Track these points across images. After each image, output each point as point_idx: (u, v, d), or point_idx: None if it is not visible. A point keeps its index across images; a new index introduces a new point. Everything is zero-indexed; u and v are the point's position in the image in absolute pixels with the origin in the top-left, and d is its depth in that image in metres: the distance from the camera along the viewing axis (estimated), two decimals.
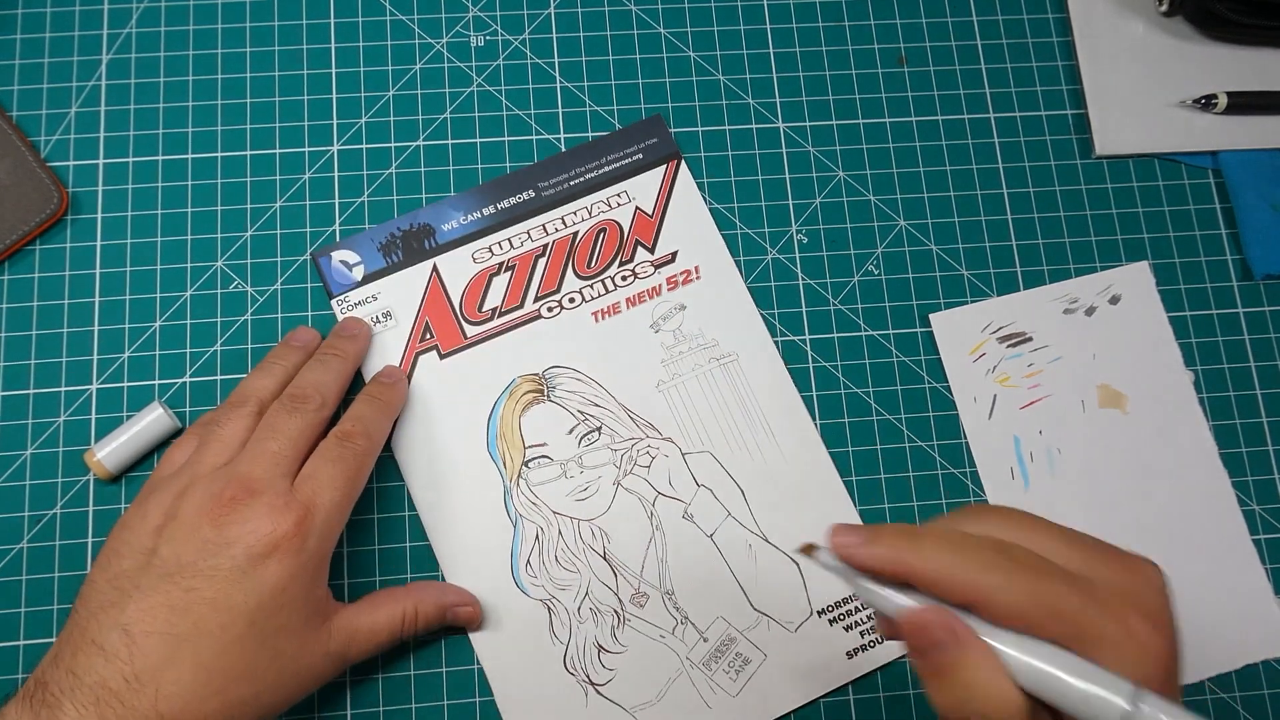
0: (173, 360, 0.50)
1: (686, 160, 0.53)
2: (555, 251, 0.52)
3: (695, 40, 0.55)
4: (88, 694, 0.37)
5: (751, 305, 0.52)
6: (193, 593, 0.39)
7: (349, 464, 0.43)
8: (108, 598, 0.40)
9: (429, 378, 0.50)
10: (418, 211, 0.52)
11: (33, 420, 0.49)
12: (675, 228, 0.52)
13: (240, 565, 0.40)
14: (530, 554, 0.48)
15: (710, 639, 0.48)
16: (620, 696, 0.47)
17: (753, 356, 0.51)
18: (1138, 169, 0.55)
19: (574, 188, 0.52)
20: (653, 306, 0.51)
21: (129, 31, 0.53)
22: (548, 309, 0.51)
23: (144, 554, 0.40)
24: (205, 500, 0.41)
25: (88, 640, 0.39)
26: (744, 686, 0.47)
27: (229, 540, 0.40)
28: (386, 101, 0.53)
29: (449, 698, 0.47)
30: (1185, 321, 0.53)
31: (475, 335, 0.50)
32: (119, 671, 0.38)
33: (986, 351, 0.52)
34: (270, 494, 0.41)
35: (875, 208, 0.54)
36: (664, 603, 0.48)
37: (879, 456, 0.50)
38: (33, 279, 0.50)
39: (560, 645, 0.47)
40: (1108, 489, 0.50)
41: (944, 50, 0.56)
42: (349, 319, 0.50)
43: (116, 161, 0.52)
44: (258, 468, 0.42)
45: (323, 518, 0.42)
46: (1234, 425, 0.52)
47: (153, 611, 0.39)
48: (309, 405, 0.44)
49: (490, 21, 0.55)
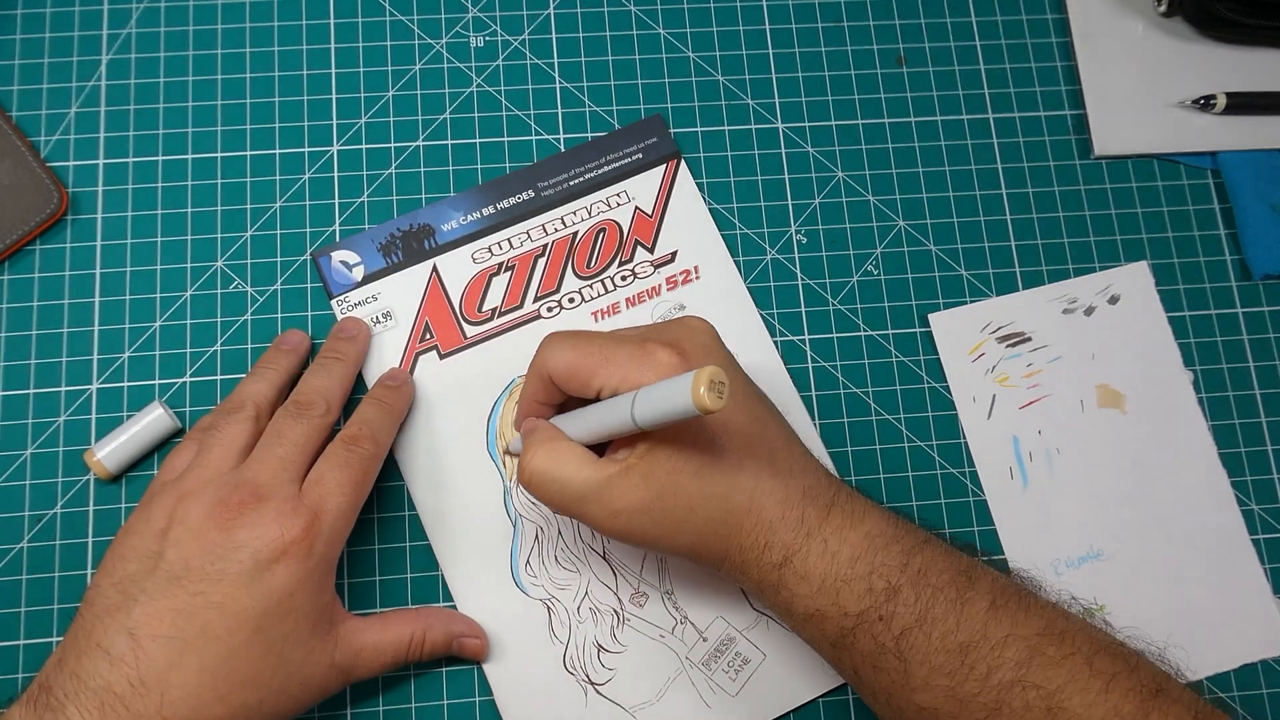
0: (173, 360, 0.50)
1: (686, 160, 0.53)
2: (555, 251, 0.52)
3: (695, 40, 0.55)
4: (92, 698, 0.37)
5: (751, 305, 0.52)
6: (199, 597, 0.39)
7: (355, 469, 0.43)
8: (113, 601, 0.39)
9: (429, 378, 0.50)
10: (417, 212, 0.52)
11: (33, 420, 0.49)
12: (675, 228, 0.52)
13: (247, 570, 0.39)
14: (530, 554, 0.48)
15: (710, 639, 0.48)
16: (620, 696, 0.47)
17: (752, 356, 0.51)
18: (1137, 169, 0.55)
19: (573, 188, 0.52)
20: (652, 306, 0.51)
21: (129, 31, 0.53)
22: (547, 309, 0.51)
23: (150, 558, 0.40)
24: (212, 505, 0.41)
25: (93, 644, 0.39)
26: (743, 686, 0.47)
27: (237, 544, 0.40)
28: (386, 102, 0.53)
29: (449, 697, 0.47)
30: (1184, 321, 0.53)
31: (475, 335, 0.51)
32: (124, 675, 0.38)
33: (985, 351, 0.52)
34: (278, 499, 0.41)
35: (874, 208, 0.54)
36: (663, 602, 0.48)
37: (878, 456, 0.51)
38: (33, 279, 0.50)
39: (560, 645, 0.47)
40: (1107, 489, 0.50)
41: (943, 51, 0.56)
42: (348, 319, 0.50)
43: (116, 161, 0.52)
44: (265, 473, 0.42)
45: (330, 523, 0.42)
46: (1233, 425, 0.52)
47: (159, 615, 0.39)
48: (314, 411, 0.45)
49: (490, 22, 0.55)
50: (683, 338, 0.41)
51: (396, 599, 0.48)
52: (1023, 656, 0.37)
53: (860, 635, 0.38)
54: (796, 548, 0.39)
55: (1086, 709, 0.36)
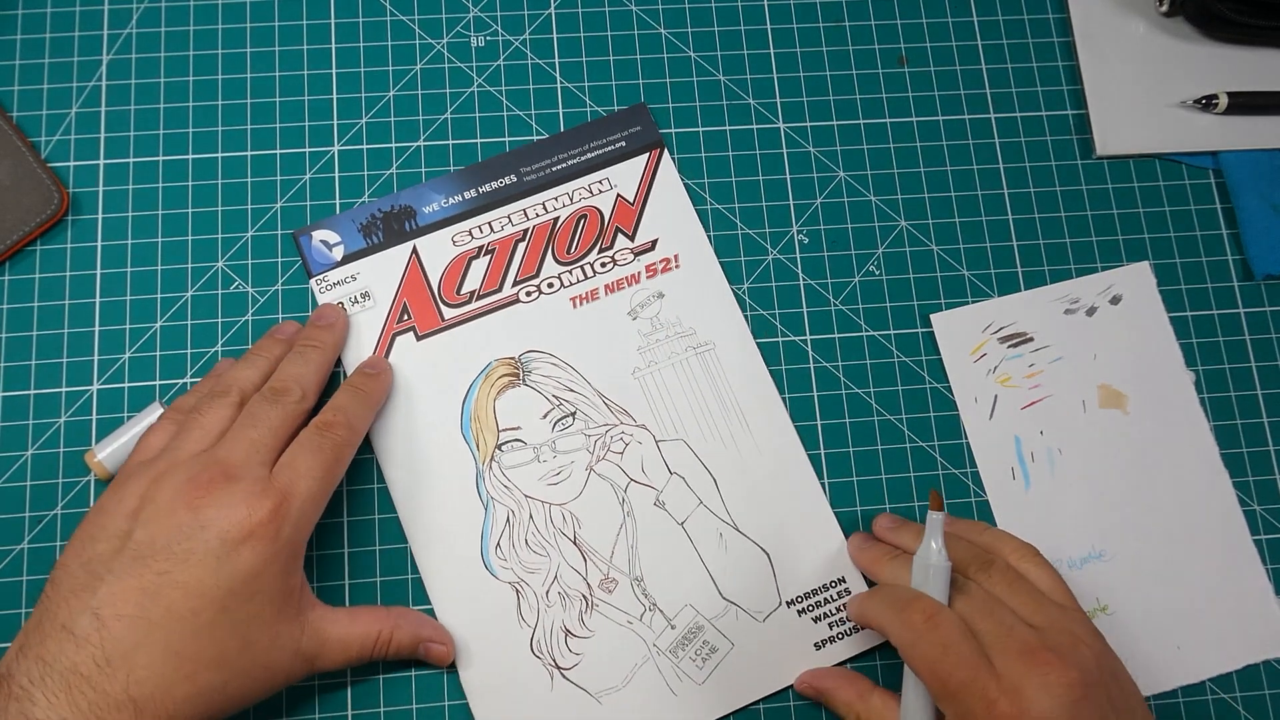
0: (173, 361, 0.50)
1: (686, 160, 0.53)
2: (535, 236, 0.52)
3: (695, 40, 0.55)
4: (58, 680, 0.37)
5: (730, 295, 0.52)
6: (165, 576, 0.39)
7: (327, 454, 0.43)
8: (79, 581, 0.39)
9: (405, 359, 0.50)
10: (399, 193, 0.52)
11: (33, 421, 0.49)
12: (656, 216, 0.52)
13: (214, 549, 0.40)
14: (501, 537, 0.48)
15: (678, 626, 0.48)
16: (586, 681, 0.47)
17: (729, 346, 0.51)
18: (1138, 169, 0.55)
19: (556, 173, 0.52)
20: (631, 293, 0.51)
21: (129, 32, 0.53)
22: (526, 293, 0.51)
23: (118, 537, 0.40)
24: (182, 484, 0.41)
25: (58, 625, 0.38)
26: (710, 674, 0.47)
27: (204, 523, 0.40)
28: (387, 102, 0.53)
29: (450, 698, 0.47)
30: (1186, 322, 0.53)
31: (453, 318, 0.51)
32: (90, 656, 0.38)
33: (987, 352, 0.52)
34: (247, 480, 0.41)
35: (876, 208, 0.54)
36: (633, 589, 0.48)
37: (880, 457, 0.50)
38: (33, 279, 0.50)
39: (527, 628, 0.47)
40: (1108, 489, 0.50)
41: (944, 50, 0.56)
42: (325, 307, 0.50)
43: (117, 162, 0.52)
44: (236, 454, 0.42)
45: (299, 506, 0.42)
46: (1235, 425, 0.52)
47: (124, 595, 0.39)
48: (289, 397, 0.45)
49: (491, 22, 0.55)
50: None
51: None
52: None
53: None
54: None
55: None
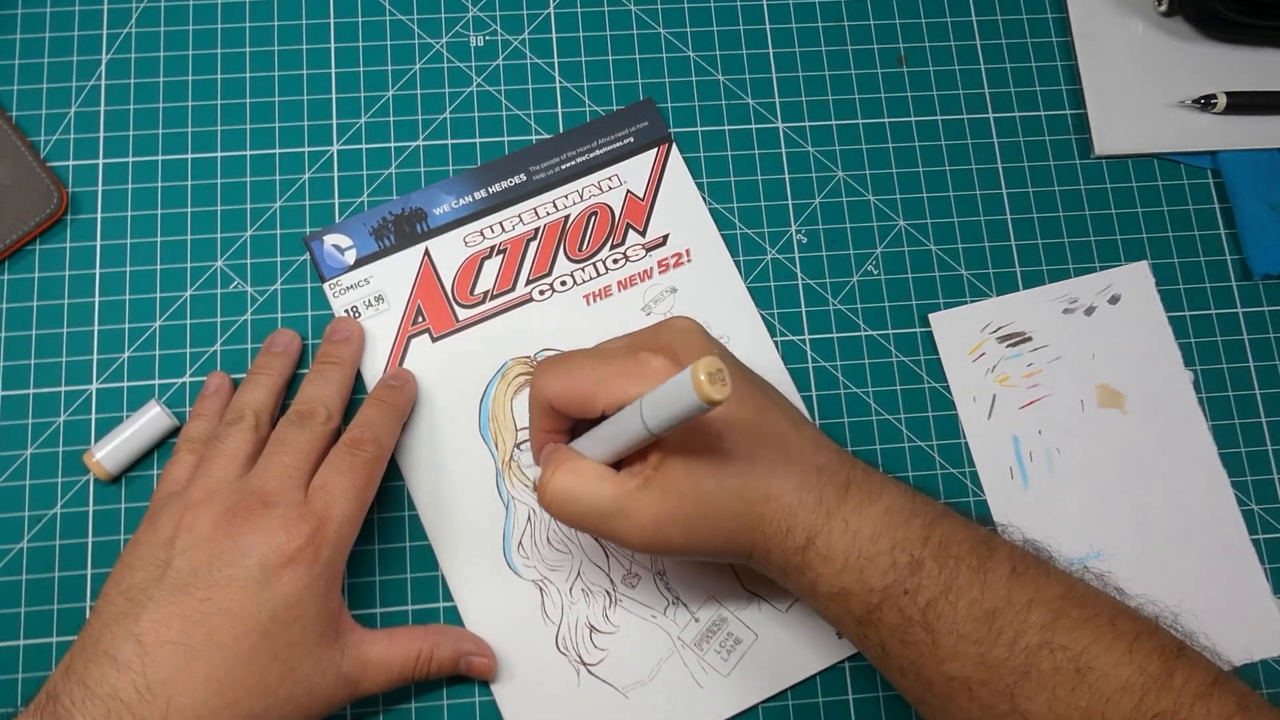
0: (172, 360, 0.50)
1: (686, 160, 0.53)
2: (547, 235, 0.52)
3: (695, 40, 0.55)
4: (99, 705, 0.37)
5: (743, 288, 0.52)
6: (206, 603, 0.39)
7: (359, 473, 0.43)
8: (121, 609, 0.39)
9: (421, 361, 0.50)
10: (410, 195, 0.52)
11: (32, 420, 0.49)
12: (666, 211, 0.52)
13: (255, 576, 0.40)
14: (523, 535, 0.48)
15: (701, 619, 0.48)
16: (612, 676, 0.47)
17: (744, 338, 0.51)
18: (1137, 169, 0.55)
19: (565, 171, 0.52)
20: (644, 289, 0.51)
21: (129, 31, 0.53)
22: (539, 292, 0.51)
23: (158, 566, 0.40)
24: (220, 512, 0.41)
25: (100, 651, 0.39)
26: (735, 666, 0.47)
27: (244, 551, 0.40)
28: (386, 101, 0.53)
29: (448, 698, 0.47)
30: (1184, 321, 0.53)
31: (467, 319, 0.51)
32: (131, 682, 0.38)
33: (986, 351, 0.52)
34: (284, 506, 0.41)
35: (874, 208, 0.54)
36: (655, 583, 0.48)
37: (879, 456, 0.51)
38: (32, 279, 0.50)
39: (552, 625, 0.47)
40: (1107, 489, 0.50)
41: (943, 50, 0.56)
42: (339, 321, 0.50)
43: (116, 161, 0.52)
44: (271, 481, 0.42)
45: (335, 528, 0.42)
46: (1233, 425, 0.52)
47: (166, 622, 0.39)
48: (316, 419, 0.45)
49: (490, 21, 0.55)
50: (671, 340, 0.41)
51: (397, 597, 0.48)
52: (1047, 620, 0.37)
53: (886, 610, 0.39)
54: (818, 529, 0.39)
55: (1113, 668, 0.36)
